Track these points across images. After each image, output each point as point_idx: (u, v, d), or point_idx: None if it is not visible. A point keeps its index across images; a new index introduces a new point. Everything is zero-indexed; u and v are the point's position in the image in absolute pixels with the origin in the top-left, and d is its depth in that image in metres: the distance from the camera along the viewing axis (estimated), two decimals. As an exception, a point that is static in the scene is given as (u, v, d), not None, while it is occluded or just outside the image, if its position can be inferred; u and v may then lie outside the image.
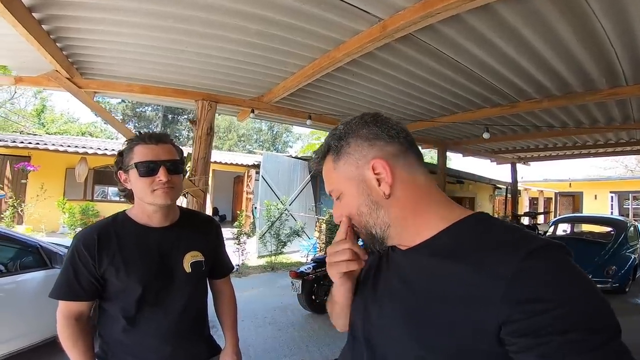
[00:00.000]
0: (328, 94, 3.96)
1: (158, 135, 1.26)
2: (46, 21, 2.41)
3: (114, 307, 1.20)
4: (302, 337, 3.77)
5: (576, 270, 0.53)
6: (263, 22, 2.40)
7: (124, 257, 1.18)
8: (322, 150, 0.76)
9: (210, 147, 3.90)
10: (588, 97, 3.62)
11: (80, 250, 1.15)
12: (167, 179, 1.19)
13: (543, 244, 0.55)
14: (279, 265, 7.37)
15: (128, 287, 1.17)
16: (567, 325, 0.48)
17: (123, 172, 1.24)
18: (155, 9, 2.28)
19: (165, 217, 1.28)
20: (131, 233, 1.23)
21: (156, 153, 1.20)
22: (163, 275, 1.23)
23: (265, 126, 28.49)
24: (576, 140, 6.84)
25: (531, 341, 0.49)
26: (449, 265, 0.61)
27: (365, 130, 0.70)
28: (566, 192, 17.56)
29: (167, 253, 1.25)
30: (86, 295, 1.17)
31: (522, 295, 0.50)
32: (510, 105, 4.16)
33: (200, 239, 1.36)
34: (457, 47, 2.68)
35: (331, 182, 0.74)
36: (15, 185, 9.23)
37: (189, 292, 1.27)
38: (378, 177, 0.67)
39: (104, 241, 1.18)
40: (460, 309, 0.56)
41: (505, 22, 2.30)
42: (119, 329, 1.19)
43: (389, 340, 0.67)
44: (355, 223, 0.72)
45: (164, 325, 1.22)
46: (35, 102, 18.09)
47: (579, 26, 2.31)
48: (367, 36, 2.39)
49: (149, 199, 1.20)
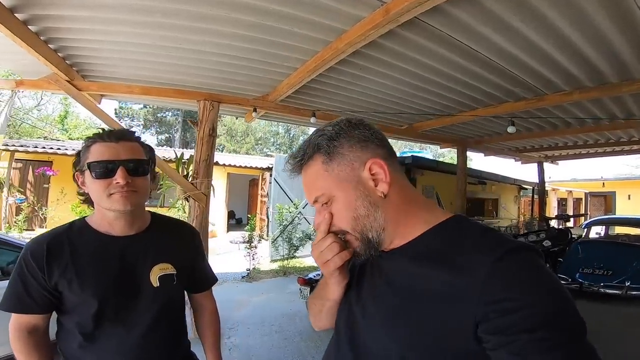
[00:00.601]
0: (335, 90, 3.74)
1: (120, 132, 1.13)
2: (32, 22, 2.32)
3: (70, 322, 1.08)
4: (308, 348, 3.57)
5: (544, 271, 0.56)
6: (256, 13, 2.23)
7: (77, 269, 1.05)
8: (307, 151, 0.72)
9: (213, 148, 3.76)
10: (625, 87, 3.24)
11: (27, 261, 1.04)
12: (125, 181, 1.04)
13: (515, 246, 0.58)
14: (292, 269, 7.21)
15: (82, 301, 1.05)
16: (534, 324, 0.50)
17: (79, 173, 1.11)
18: (140, 3, 2.14)
19: (130, 224, 1.13)
20: (88, 242, 1.10)
21: (115, 152, 1.06)
22: (125, 290, 1.09)
23: (282, 129, 28.58)
24: (609, 137, 6.32)
25: (502, 339, 0.51)
26: (429, 266, 0.63)
27: (357, 132, 0.70)
28: (597, 192, 16.57)
29: (130, 265, 1.11)
30: (38, 307, 1.06)
31: (495, 294, 0.53)
32: (537, 98, 3.80)
33: (172, 249, 1.20)
34: (471, 33, 2.40)
35: (319, 186, 0.71)
36: (37, 189, 9.53)
37: (158, 307, 1.12)
38: (374, 178, 0.68)
39: (55, 251, 1.05)
40: (440, 309, 0.58)
41: (527, 3, 2.02)
42: (77, 344, 1.07)
43: (373, 341, 0.68)
44: (347, 229, 0.69)
45: (127, 342, 1.08)
46: (62, 109, 18.74)
47: (612, 6, 2.01)
48: (369, 22, 2.16)
49: (106, 204, 1.07)
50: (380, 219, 0.68)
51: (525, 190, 14.03)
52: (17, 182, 9.17)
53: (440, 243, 0.64)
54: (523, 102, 3.89)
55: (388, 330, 0.65)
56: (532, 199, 13.08)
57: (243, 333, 3.91)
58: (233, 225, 13.22)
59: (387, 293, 0.68)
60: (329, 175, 0.69)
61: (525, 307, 0.51)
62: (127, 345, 1.07)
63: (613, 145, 6.81)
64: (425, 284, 0.62)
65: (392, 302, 0.66)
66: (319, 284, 0.85)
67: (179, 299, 1.24)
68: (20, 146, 9.01)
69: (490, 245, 0.59)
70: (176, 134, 26.47)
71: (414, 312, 0.62)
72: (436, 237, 0.66)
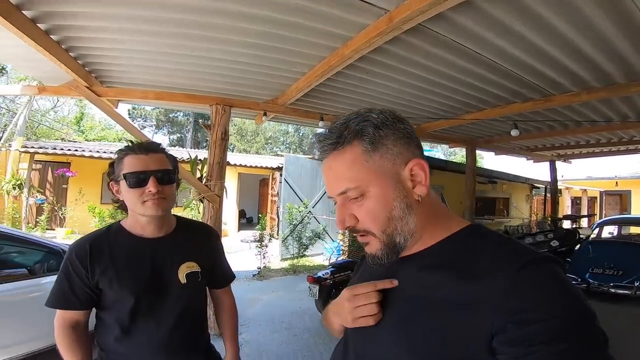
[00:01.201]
0: (342, 94, 3.82)
1: (148, 145, 1.26)
2: (53, 31, 2.46)
3: (109, 317, 1.20)
4: (316, 344, 3.66)
5: (567, 282, 0.54)
6: (264, 22, 2.32)
7: (117, 268, 1.18)
8: (345, 134, 0.63)
9: (225, 151, 3.88)
10: (633, 88, 3.23)
11: (73, 261, 1.17)
12: (156, 189, 1.17)
13: (537, 257, 0.56)
14: (301, 268, 7.31)
15: (121, 297, 1.17)
16: (555, 336, 0.48)
17: (114, 183, 1.24)
18: (156, 15, 2.26)
19: (159, 227, 1.26)
20: (124, 244, 1.23)
21: (145, 163, 1.18)
22: (156, 286, 1.21)
23: (292, 128, 28.70)
24: (622, 136, 6.24)
25: (520, 350, 0.50)
26: (445, 274, 0.60)
27: (402, 125, 0.65)
28: (612, 191, 16.23)
29: (161, 264, 1.23)
30: (81, 304, 1.18)
31: (516, 306, 0.51)
32: (545, 99, 3.81)
33: (196, 249, 1.33)
34: (475, 38, 2.45)
35: (353, 176, 0.63)
36: (56, 190, 9.85)
37: (184, 303, 1.25)
38: (413, 179, 0.64)
39: (96, 252, 1.18)
40: (454, 319, 0.56)
41: (527, 8, 2.07)
42: (114, 338, 1.19)
43: (380, 348, 0.65)
44: (375, 230, 0.64)
45: (157, 336, 1.19)
46: (77, 111, 19.24)
47: (613, 11, 2.04)
48: (374, 30, 2.24)
49: (140, 210, 1.19)
50: (412, 223, 0.64)
51: (537, 189, 13.85)
52: (36, 183, 9.49)
53: (457, 251, 0.62)
54: (531, 102, 3.90)
55: (396, 338, 0.63)
56: (544, 198, 12.91)
57: (254, 330, 4.03)
58: (244, 224, 13.40)
59: (397, 300, 0.66)
60: (368, 167, 0.63)
61: (546, 318, 0.49)
62: (157, 338, 1.19)
63: (627, 144, 6.71)
64: (440, 292, 0.59)
65: (403, 310, 0.64)
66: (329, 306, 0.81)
67: (202, 295, 1.36)
68: (39, 148, 9.32)
69: (510, 256, 0.57)
70: (188, 134, 26.88)
71: (425, 320, 0.59)
72: (454, 245, 0.64)
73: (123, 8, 2.18)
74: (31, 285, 2.82)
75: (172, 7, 2.17)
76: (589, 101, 3.82)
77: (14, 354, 2.60)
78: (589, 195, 17.43)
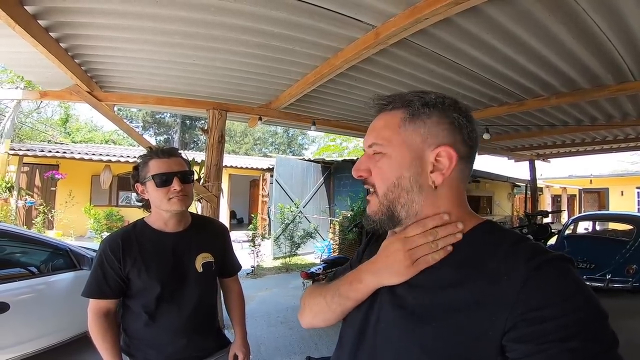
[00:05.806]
0: (333, 99, 4.05)
1: (169, 149, 1.43)
2: (63, 40, 2.61)
3: (136, 304, 1.35)
4: (311, 336, 3.87)
5: (581, 282, 0.55)
6: (262, 35, 2.53)
7: (144, 259, 1.34)
8: (396, 100, 0.68)
9: (222, 154, 4.06)
10: (596, 93, 3.56)
11: (107, 254, 1.32)
12: (180, 187, 1.35)
13: (552, 256, 0.57)
14: (294, 266, 7.50)
15: (148, 286, 1.33)
16: (568, 334, 0.49)
17: (140, 184, 1.40)
18: (160, 27, 2.43)
19: (179, 222, 1.44)
20: (149, 238, 1.39)
21: (169, 166, 1.36)
22: (178, 275, 1.38)
23: (280, 129, 28.79)
24: (595, 136, 6.62)
25: (532, 347, 0.51)
26: (458, 272, 0.61)
27: (457, 114, 0.66)
28: (590, 189, 16.91)
29: (181, 255, 1.40)
30: (113, 293, 1.33)
31: (530, 303, 0.52)
32: (518, 103, 4.12)
33: (210, 241, 1.51)
34: (453, 50, 2.72)
35: (384, 135, 0.67)
36: (45, 192, 9.78)
37: (201, 289, 1.42)
38: (435, 165, 0.64)
39: (127, 246, 1.34)
40: (467, 316, 0.57)
41: (497, 23, 2.32)
42: (140, 324, 1.34)
43: (389, 344, 0.65)
44: (381, 189, 0.66)
45: (178, 320, 1.36)
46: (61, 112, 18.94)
47: (571, 25, 2.31)
48: (362, 43, 2.47)
49: (166, 207, 1.36)
50: (418, 205, 0.65)
51: (518, 187, 14.36)
52: (24, 186, 9.41)
53: (473, 249, 0.63)
54: (506, 106, 4.20)
55: (406, 334, 0.63)
56: (525, 195, 13.40)
57: (251, 325, 4.19)
58: (235, 225, 13.49)
59: (407, 296, 0.65)
60: (399, 133, 0.66)
61: (558, 317, 0.50)
62: (178, 322, 1.37)
63: (601, 144, 7.11)
64: (452, 289, 0.60)
65: (412, 307, 0.63)
66: (338, 282, 0.78)
67: (215, 283, 1.55)
68: (27, 150, 9.26)
69: (525, 254, 0.57)
70: (175, 135, 26.67)
71: (437, 317, 0.59)
72: (469, 242, 0.64)
73: (131, 20, 2.35)
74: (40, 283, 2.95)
75: (179, 21, 2.35)
76: (560, 105, 4.14)
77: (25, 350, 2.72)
78: (568, 193, 18.09)
